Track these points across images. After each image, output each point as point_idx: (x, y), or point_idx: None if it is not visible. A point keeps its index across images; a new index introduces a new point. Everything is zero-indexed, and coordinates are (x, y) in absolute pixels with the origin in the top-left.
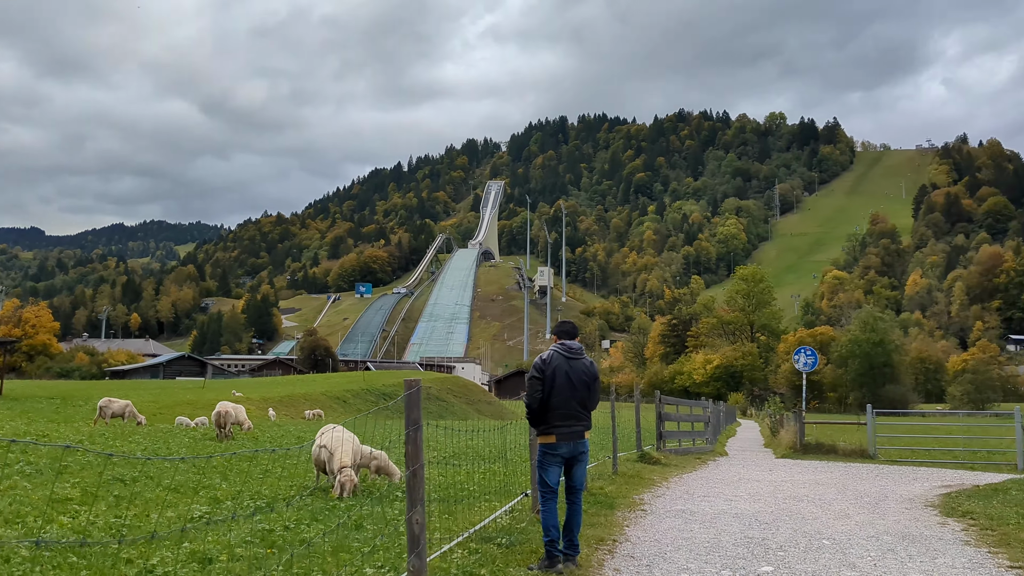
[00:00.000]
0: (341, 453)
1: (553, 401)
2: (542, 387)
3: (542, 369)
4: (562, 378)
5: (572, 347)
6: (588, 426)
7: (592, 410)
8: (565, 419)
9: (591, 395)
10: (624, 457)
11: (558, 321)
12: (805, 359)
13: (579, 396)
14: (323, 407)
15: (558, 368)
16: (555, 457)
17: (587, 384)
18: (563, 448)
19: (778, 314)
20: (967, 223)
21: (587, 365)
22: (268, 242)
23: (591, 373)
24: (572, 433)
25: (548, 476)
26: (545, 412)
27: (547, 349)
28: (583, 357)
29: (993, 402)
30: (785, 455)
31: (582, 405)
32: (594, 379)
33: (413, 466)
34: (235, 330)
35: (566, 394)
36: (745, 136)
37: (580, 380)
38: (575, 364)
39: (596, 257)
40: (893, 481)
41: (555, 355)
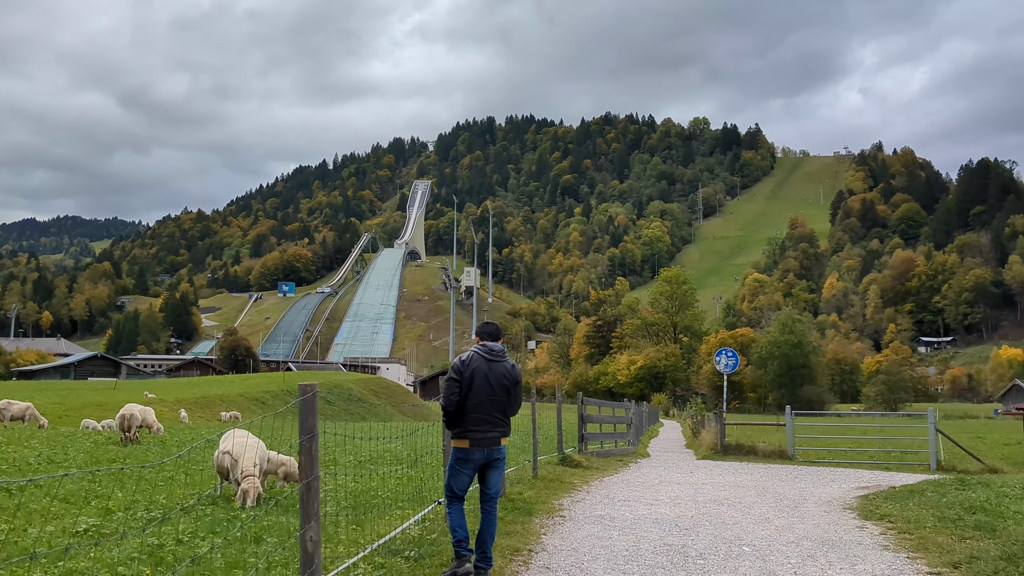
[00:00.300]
0: (245, 459)
1: (470, 404)
2: (459, 389)
3: (460, 370)
4: (481, 380)
5: (494, 349)
6: (506, 432)
7: (513, 415)
8: (481, 424)
9: (511, 400)
10: (545, 460)
11: (482, 322)
12: (727, 360)
13: (498, 400)
14: (240, 409)
15: (477, 370)
16: (467, 463)
17: (507, 388)
18: (477, 454)
19: (700, 316)
20: (882, 228)
21: (508, 368)
22: (188, 239)
23: (512, 377)
24: (488, 439)
25: (456, 482)
26: (461, 415)
27: (462, 350)
28: (505, 360)
29: (905, 402)
30: (706, 456)
31: (501, 410)
32: (515, 383)
33: (307, 478)
34: (152, 329)
35: (484, 397)
36: (670, 140)
37: (500, 384)
38: (496, 367)
39: (523, 258)
40: (811, 483)
41: (475, 356)
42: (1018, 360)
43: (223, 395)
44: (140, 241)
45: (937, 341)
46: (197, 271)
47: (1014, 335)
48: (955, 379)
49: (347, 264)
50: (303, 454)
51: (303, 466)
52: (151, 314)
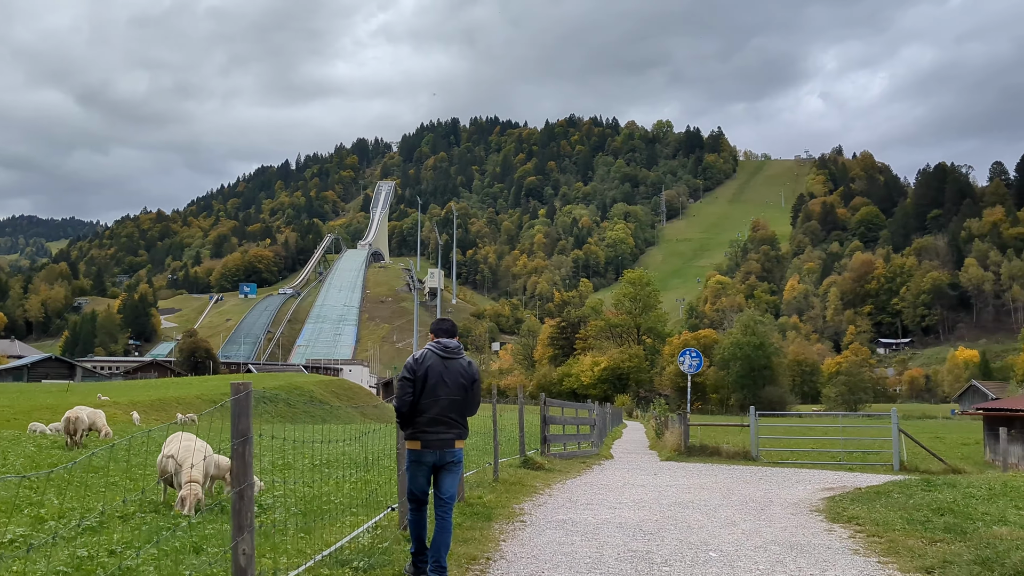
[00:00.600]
0: (189, 465)
1: (424, 404)
2: (413, 389)
3: (414, 369)
4: (435, 379)
5: (448, 346)
6: (462, 434)
7: (470, 415)
8: (434, 425)
9: (468, 399)
10: (507, 463)
11: (436, 318)
12: (690, 361)
13: (454, 400)
14: (197, 411)
15: (431, 368)
16: (420, 466)
17: (464, 387)
18: (429, 456)
19: (664, 317)
20: (841, 231)
21: (464, 366)
22: (147, 240)
23: (469, 375)
24: (441, 441)
25: (414, 484)
26: (415, 416)
27: None
28: (461, 357)
29: (865, 403)
30: (670, 457)
31: (457, 410)
32: (472, 381)
33: (239, 485)
34: (110, 331)
35: (439, 397)
36: (634, 143)
37: (456, 382)
38: (451, 364)
39: (487, 259)
40: (777, 484)
41: (429, 354)
42: (974, 361)
43: (179, 397)
44: (98, 241)
45: (895, 342)
46: (157, 272)
47: (970, 336)
48: (913, 380)
49: (309, 265)
50: (235, 459)
51: (235, 472)
52: (109, 315)
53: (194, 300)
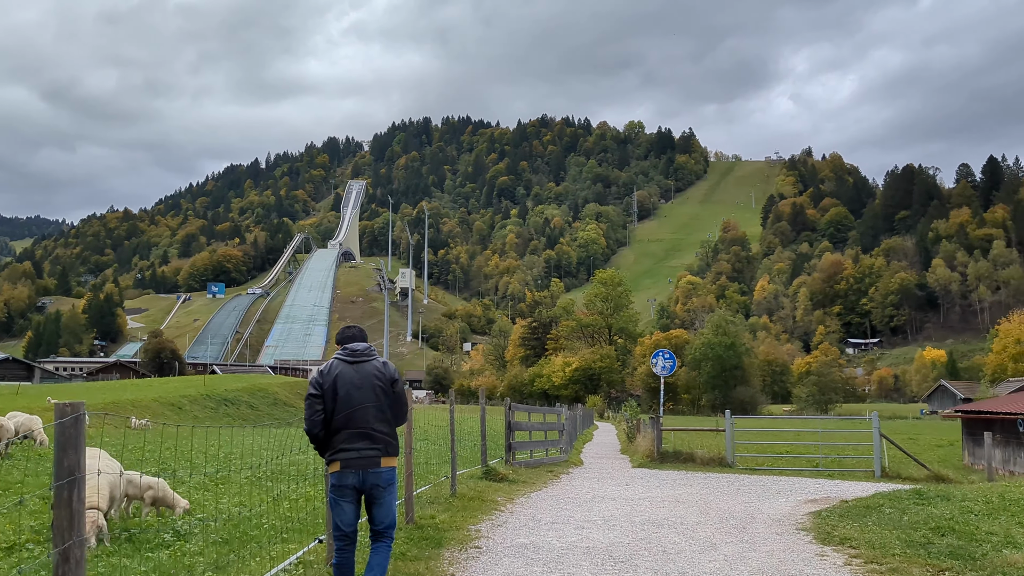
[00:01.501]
0: (91, 488)
1: (339, 419)
2: (322, 404)
3: (320, 383)
4: (347, 387)
5: (356, 349)
6: (389, 450)
7: (399, 424)
8: (354, 440)
9: (392, 404)
10: (467, 474)
11: (341, 328)
12: (663, 363)
13: (373, 407)
14: (155, 414)
15: (341, 376)
16: (343, 492)
17: (382, 389)
18: (350, 478)
19: (635, 317)
20: (811, 232)
21: (379, 366)
22: (114, 239)
23: (387, 376)
24: (363, 459)
25: (339, 516)
26: (330, 434)
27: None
28: (373, 358)
29: (835, 403)
30: (642, 464)
31: (379, 418)
32: (391, 382)
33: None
34: (75, 331)
35: (356, 405)
36: (605, 143)
37: (371, 385)
38: (363, 367)
39: (459, 259)
40: (756, 496)
41: (336, 363)
42: (941, 361)
43: (135, 400)
44: (64, 240)
45: (864, 343)
46: (123, 271)
47: (937, 336)
48: (882, 380)
49: (279, 265)
50: (58, 507)
51: (59, 525)
52: (73, 315)
53: (161, 300)
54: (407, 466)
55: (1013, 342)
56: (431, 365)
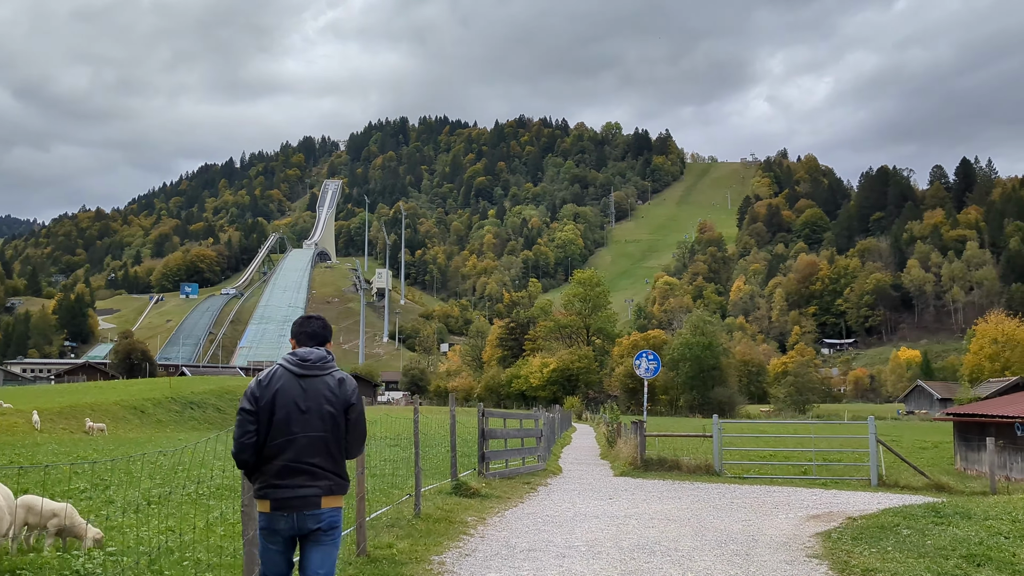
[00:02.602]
0: None
1: (273, 445)
2: (255, 425)
3: (255, 397)
4: (287, 408)
5: (307, 357)
6: (335, 487)
7: (351, 457)
8: (289, 475)
9: (345, 434)
10: (436, 489)
11: (299, 318)
12: (647, 364)
13: (319, 437)
14: (116, 418)
15: (282, 392)
16: (273, 536)
17: (331, 417)
18: (282, 522)
19: (613, 318)
20: (786, 233)
21: (333, 385)
22: (86, 239)
23: (341, 398)
24: (299, 500)
25: (268, 565)
26: (262, 462)
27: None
28: (328, 372)
29: (812, 403)
30: (625, 472)
31: (323, 452)
32: (346, 407)
33: None
34: (45, 332)
35: (294, 433)
36: (583, 144)
37: (320, 410)
38: (312, 384)
39: (436, 260)
40: (753, 511)
41: (279, 372)
42: (916, 361)
43: (95, 403)
44: (34, 240)
45: (839, 343)
46: (95, 271)
47: (912, 337)
48: (858, 380)
49: (253, 265)
50: None
51: None
52: (43, 316)
53: (134, 300)
54: (359, 488)
55: (989, 342)
56: (407, 366)
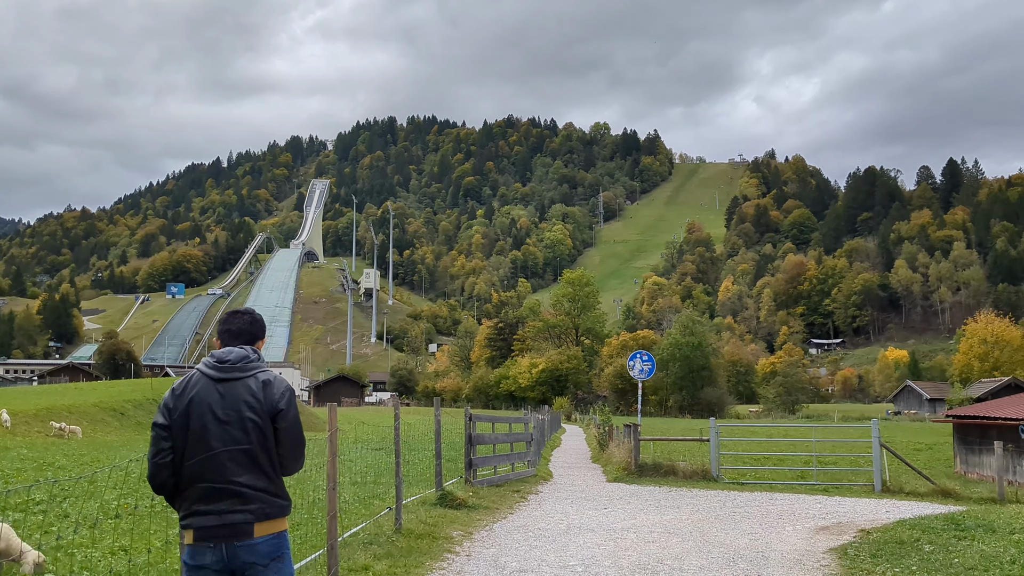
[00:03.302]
0: None
1: (191, 465)
2: (171, 441)
3: (169, 408)
4: (203, 418)
5: (225, 358)
6: (269, 509)
7: (288, 473)
8: (210, 498)
9: (271, 446)
10: (420, 500)
11: (225, 313)
12: (641, 365)
13: (241, 451)
14: (94, 420)
15: (197, 400)
16: (200, 572)
17: (255, 427)
18: (208, 556)
19: (602, 318)
20: (774, 233)
21: (255, 389)
22: (71, 238)
23: (266, 404)
24: (225, 526)
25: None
26: (182, 486)
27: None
28: (251, 373)
29: (802, 403)
30: (618, 478)
31: (249, 467)
32: (273, 413)
33: None
34: (29, 332)
35: (212, 448)
36: (571, 144)
37: (240, 419)
38: (232, 390)
39: (424, 260)
40: (758, 522)
41: (196, 377)
42: (904, 361)
43: (73, 405)
44: (19, 240)
45: (827, 343)
46: (81, 272)
47: (899, 337)
48: (846, 380)
49: (240, 265)
50: None
51: None
52: (28, 316)
53: (119, 301)
54: (330, 506)
55: (979, 342)
56: (395, 367)
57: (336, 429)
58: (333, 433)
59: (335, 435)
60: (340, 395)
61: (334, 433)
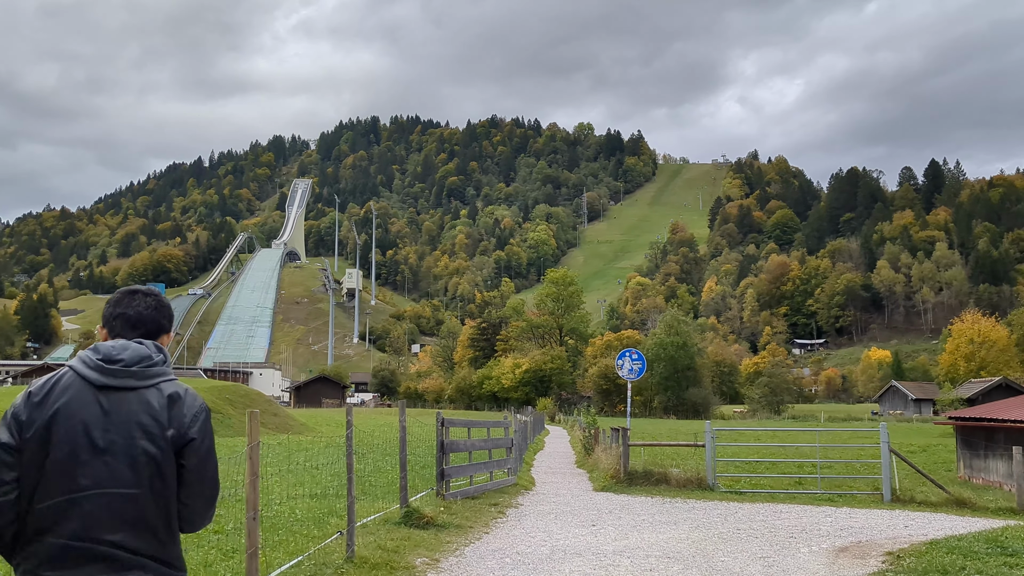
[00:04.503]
0: None
1: (43, 510)
2: (15, 470)
3: (19, 421)
4: (73, 442)
5: (115, 356)
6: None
7: (193, 530)
8: (65, 561)
9: (180, 492)
10: (382, 518)
11: (117, 293)
12: (631, 364)
13: (121, 497)
14: None
15: (64, 413)
16: None
17: (148, 460)
18: None
19: (586, 318)
20: (758, 234)
21: (156, 406)
22: (50, 238)
23: (173, 428)
24: None
25: None
26: (25, 538)
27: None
28: (155, 381)
29: (787, 404)
30: (607, 487)
31: (134, 520)
32: (180, 444)
33: None
34: (6, 332)
35: (81, 487)
36: (555, 144)
37: (128, 448)
38: (119, 403)
39: (407, 260)
40: (767, 542)
41: (67, 377)
42: (887, 361)
43: None
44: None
45: (810, 343)
46: (59, 272)
47: (882, 337)
48: (830, 380)
49: (221, 265)
50: None
51: None
52: (5, 316)
53: (99, 301)
54: (249, 540)
55: (966, 342)
56: (378, 367)
57: (258, 442)
58: (254, 447)
59: (256, 449)
60: (321, 396)
61: (255, 447)
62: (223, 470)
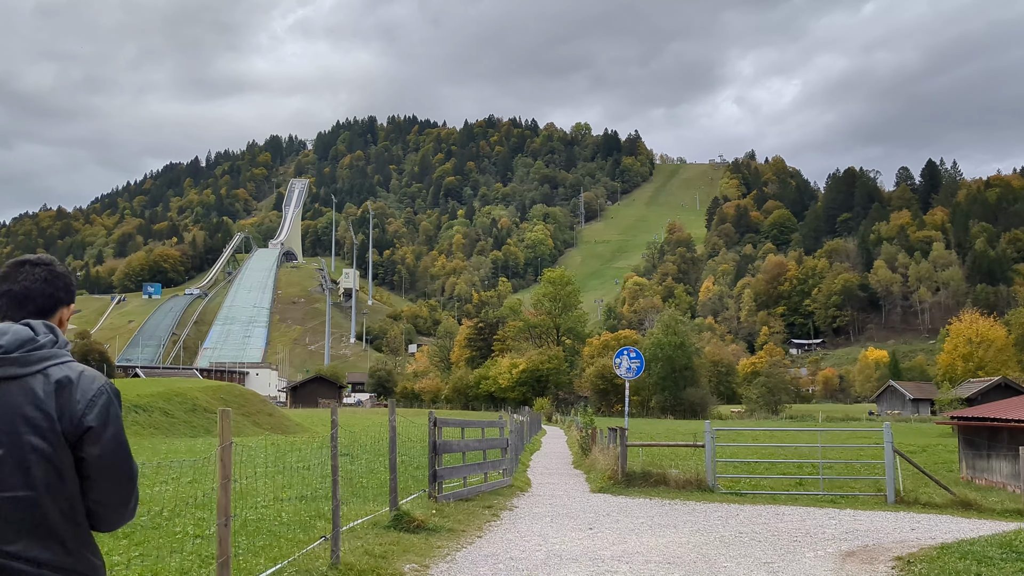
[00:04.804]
0: None
1: None
2: None
3: None
4: None
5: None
6: None
7: (108, 529)
8: None
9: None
10: (371, 521)
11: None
12: (629, 363)
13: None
14: None
15: None
16: None
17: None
18: None
19: (583, 318)
20: (755, 234)
21: (41, 395)
22: (47, 238)
23: (65, 418)
24: None
25: None
26: None
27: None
28: (41, 366)
29: (785, 404)
30: (604, 488)
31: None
32: (76, 435)
33: None
34: None
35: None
36: (553, 144)
37: (17, 449)
38: (4, 393)
39: (404, 260)
40: (770, 546)
41: None
42: (884, 361)
43: None
44: None
45: (807, 343)
46: None
47: (879, 337)
48: (827, 380)
49: (218, 265)
50: None
51: None
52: None
53: (95, 301)
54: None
55: (964, 341)
56: (374, 367)
57: (230, 443)
58: (226, 448)
59: (228, 450)
60: (318, 396)
61: (227, 448)
62: (212, 472)
